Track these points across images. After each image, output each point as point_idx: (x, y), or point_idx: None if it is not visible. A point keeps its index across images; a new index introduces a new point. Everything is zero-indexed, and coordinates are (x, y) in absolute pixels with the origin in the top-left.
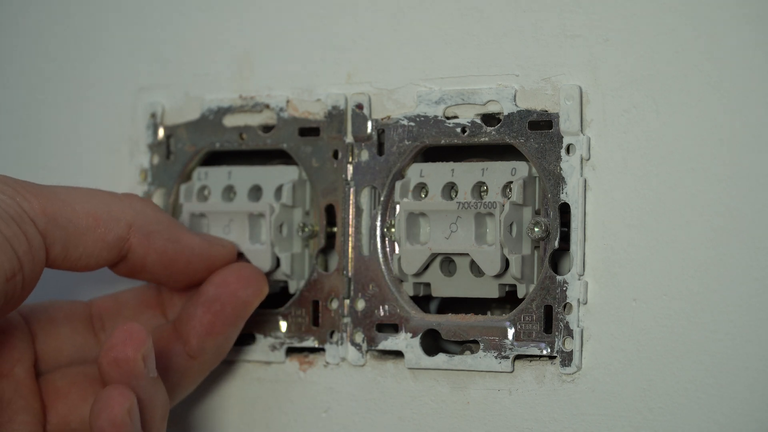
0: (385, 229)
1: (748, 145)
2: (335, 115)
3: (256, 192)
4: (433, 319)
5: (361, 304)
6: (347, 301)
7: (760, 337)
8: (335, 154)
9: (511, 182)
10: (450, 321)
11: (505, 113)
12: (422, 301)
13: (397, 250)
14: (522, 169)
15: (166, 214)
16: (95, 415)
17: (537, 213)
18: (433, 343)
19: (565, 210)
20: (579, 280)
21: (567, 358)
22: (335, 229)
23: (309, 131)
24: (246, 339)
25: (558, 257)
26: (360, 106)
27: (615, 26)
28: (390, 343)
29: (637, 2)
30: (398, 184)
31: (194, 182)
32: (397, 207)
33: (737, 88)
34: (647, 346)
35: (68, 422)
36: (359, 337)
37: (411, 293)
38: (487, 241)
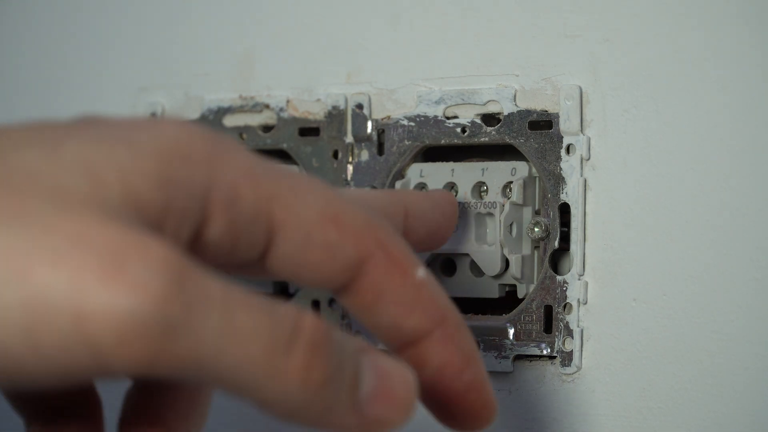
0: None
1: (748, 144)
2: (335, 115)
3: None
4: None
5: None
6: None
7: (760, 337)
8: (335, 154)
9: (511, 182)
10: None
11: (505, 113)
12: None
13: None
14: (522, 169)
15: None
16: None
17: (537, 213)
18: None
19: (565, 210)
20: (579, 280)
21: (567, 358)
22: None
23: (309, 131)
24: None
25: (558, 257)
26: (360, 106)
27: (615, 26)
28: None
29: (637, 2)
30: (398, 184)
31: None
32: None
33: (737, 88)
34: (647, 346)
35: None
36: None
37: None
38: (487, 241)
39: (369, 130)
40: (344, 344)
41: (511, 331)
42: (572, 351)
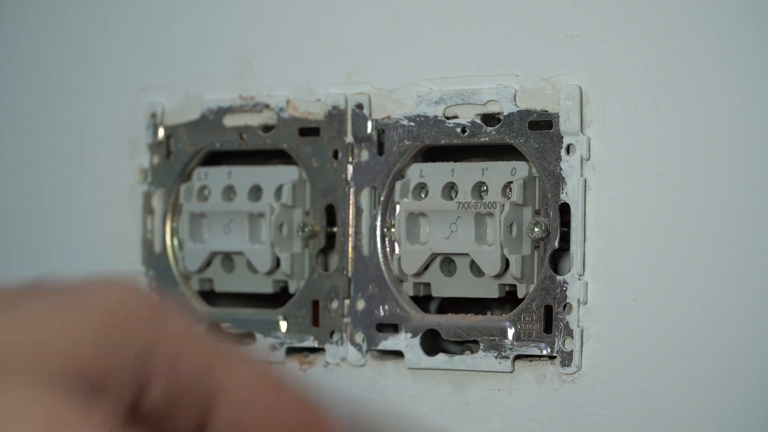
0: (385, 229)
1: (748, 144)
2: (335, 115)
3: (256, 192)
4: (433, 319)
5: (361, 304)
6: (347, 301)
7: (760, 337)
8: (335, 154)
9: (511, 182)
10: (450, 321)
11: (505, 113)
12: (422, 301)
13: (397, 250)
14: (522, 169)
15: None
16: None
17: (537, 213)
18: (433, 343)
19: (565, 210)
20: (579, 280)
21: (567, 358)
22: (335, 229)
23: (309, 131)
24: (246, 339)
25: (558, 257)
26: (360, 106)
27: (615, 26)
28: (390, 343)
29: (637, 2)
30: (398, 184)
31: (194, 182)
32: (397, 207)
33: (737, 88)
34: (647, 346)
35: None
36: (359, 337)
37: (411, 293)
38: (487, 241)
39: (369, 130)
40: None
41: (511, 331)
42: (572, 351)
